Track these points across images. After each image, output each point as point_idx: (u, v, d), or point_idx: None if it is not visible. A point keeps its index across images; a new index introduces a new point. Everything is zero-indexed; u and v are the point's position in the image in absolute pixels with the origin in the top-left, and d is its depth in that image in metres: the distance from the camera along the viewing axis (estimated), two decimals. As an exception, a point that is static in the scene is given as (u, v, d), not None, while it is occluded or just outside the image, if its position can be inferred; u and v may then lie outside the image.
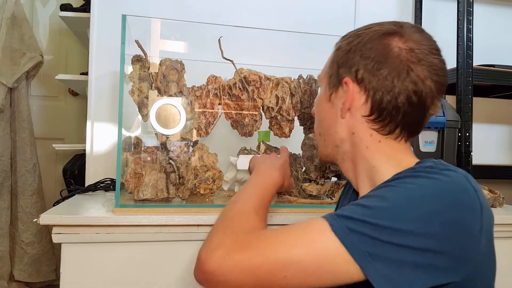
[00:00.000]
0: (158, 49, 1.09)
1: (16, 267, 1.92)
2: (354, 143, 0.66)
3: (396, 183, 0.54)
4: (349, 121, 0.65)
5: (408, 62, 0.60)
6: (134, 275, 0.83)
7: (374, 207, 0.51)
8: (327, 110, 0.68)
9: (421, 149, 1.32)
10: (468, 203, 0.51)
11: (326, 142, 0.71)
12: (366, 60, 0.62)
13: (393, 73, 0.60)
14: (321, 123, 0.71)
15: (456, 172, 0.55)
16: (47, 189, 2.14)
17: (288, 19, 1.53)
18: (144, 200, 0.91)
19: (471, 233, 0.50)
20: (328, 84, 0.68)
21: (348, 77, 0.64)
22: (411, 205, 0.50)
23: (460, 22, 1.41)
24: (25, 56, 1.89)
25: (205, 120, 1.03)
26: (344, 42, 0.66)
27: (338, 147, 0.68)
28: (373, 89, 0.61)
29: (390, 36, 0.62)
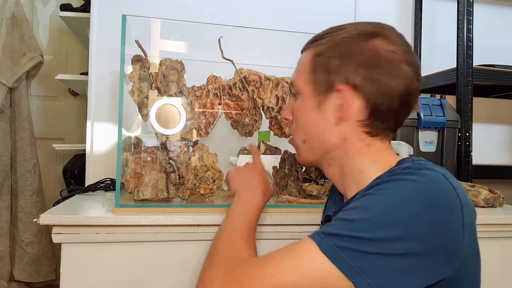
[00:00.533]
0: (158, 49, 1.09)
1: (16, 267, 1.92)
2: (345, 148, 0.66)
3: (375, 191, 0.55)
4: (343, 128, 0.64)
5: (398, 63, 0.61)
6: (134, 275, 0.83)
7: (356, 220, 0.51)
8: (315, 117, 0.66)
9: (421, 149, 1.32)
10: (447, 201, 0.52)
11: (314, 149, 0.69)
12: (359, 66, 0.61)
13: (386, 75, 0.60)
14: (308, 131, 0.69)
15: (433, 170, 0.55)
16: (47, 189, 2.14)
17: (288, 19, 1.53)
18: (144, 200, 0.91)
19: (453, 230, 0.51)
20: (313, 91, 0.66)
21: (342, 85, 0.62)
22: (391, 211, 0.51)
23: (460, 22, 1.41)
24: (25, 56, 1.89)
25: (205, 120, 1.03)
26: (324, 48, 0.65)
27: (326, 153, 0.68)
28: (372, 94, 0.61)
29: (374, 38, 0.62)
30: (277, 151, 1.13)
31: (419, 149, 1.32)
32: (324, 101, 0.65)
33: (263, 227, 0.88)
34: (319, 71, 0.65)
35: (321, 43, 0.66)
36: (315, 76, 0.66)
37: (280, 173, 1.06)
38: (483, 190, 1.09)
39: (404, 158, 0.64)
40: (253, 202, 0.77)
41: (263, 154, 1.13)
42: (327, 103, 0.65)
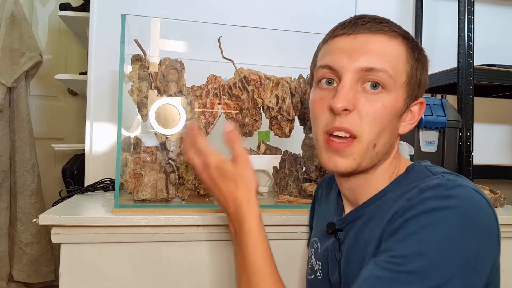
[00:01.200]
0: (158, 49, 1.08)
1: (15, 268, 1.92)
2: (390, 156, 0.67)
3: (419, 229, 0.51)
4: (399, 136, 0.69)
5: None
6: (134, 275, 0.83)
7: (417, 270, 0.49)
8: (395, 123, 0.63)
9: (421, 149, 1.32)
10: (488, 222, 0.53)
11: (377, 155, 0.63)
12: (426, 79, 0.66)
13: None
14: (384, 135, 0.62)
15: (466, 188, 0.54)
16: (46, 189, 2.13)
17: (288, 18, 1.53)
18: (143, 200, 0.91)
19: (495, 246, 0.53)
20: (408, 96, 0.63)
21: (422, 98, 0.66)
22: (447, 251, 0.49)
23: (461, 22, 1.41)
24: (24, 56, 1.89)
25: (205, 120, 1.02)
26: (418, 54, 0.64)
27: (381, 160, 0.65)
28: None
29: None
30: (277, 151, 1.13)
31: (420, 149, 1.31)
32: (408, 109, 0.64)
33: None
34: (415, 77, 0.62)
35: (414, 45, 0.63)
36: (412, 81, 0.62)
37: (280, 173, 1.05)
38: (484, 190, 1.08)
39: (412, 165, 0.65)
40: (252, 221, 0.63)
41: (263, 154, 1.13)
42: (407, 111, 0.64)
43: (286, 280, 0.71)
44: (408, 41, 0.62)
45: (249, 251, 0.61)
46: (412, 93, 0.62)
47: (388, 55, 0.60)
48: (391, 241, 0.53)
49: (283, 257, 0.89)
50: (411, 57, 0.62)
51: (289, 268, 0.89)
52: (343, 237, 0.67)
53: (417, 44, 0.64)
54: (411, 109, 0.65)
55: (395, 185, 0.62)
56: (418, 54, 0.63)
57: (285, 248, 0.89)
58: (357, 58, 0.59)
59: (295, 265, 0.90)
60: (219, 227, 0.86)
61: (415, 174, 0.62)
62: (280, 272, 0.73)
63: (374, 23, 0.61)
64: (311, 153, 1.04)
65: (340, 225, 0.68)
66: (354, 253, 0.63)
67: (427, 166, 0.62)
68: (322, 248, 0.72)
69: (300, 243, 0.90)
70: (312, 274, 0.75)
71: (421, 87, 0.64)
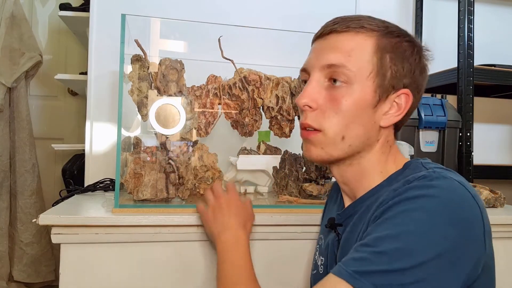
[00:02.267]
0: (158, 49, 1.08)
1: (15, 268, 1.92)
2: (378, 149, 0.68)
3: (397, 214, 0.53)
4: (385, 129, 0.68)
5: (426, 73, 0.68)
6: (134, 275, 0.83)
7: (389, 252, 0.50)
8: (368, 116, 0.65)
9: (422, 149, 1.32)
10: (469, 213, 0.52)
11: (350, 147, 0.66)
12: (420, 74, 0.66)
13: (424, 86, 0.67)
14: (353, 128, 0.64)
15: (450, 179, 0.54)
16: (46, 189, 2.13)
17: (288, 18, 1.53)
18: (143, 200, 0.91)
19: (478, 241, 0.52)
20: (377, 88, 0.64)
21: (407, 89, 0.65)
22: (420, 236, 0.50)
23: (461, 22, 1.41)
24: (24, 56, 1.89)
25: (205, 120, 1.02)
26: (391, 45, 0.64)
27: (360, 153, 0.67)
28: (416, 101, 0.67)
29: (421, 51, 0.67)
30: (277, 151, 1.13)
31: (420, 149, 1.31)
32: (382, 100, 0.63)
33: (263, 228, 0.87)
34: (385, 68, 0.62)
35: (384, 35, 0.63)
36: (380, 73, 0.62)
37: (280, 173, 1.05)
38: (484, 190, 1.08)
39: (410, 161, 0.65)
40: (241, 243, 0.73)
41: (263, 154, 1.13)
42: (384, 103, 0.63)
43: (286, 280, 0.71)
44: (379, 33, 0.63)
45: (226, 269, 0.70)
46: (385, 83, 0.62)
47: (350, 50, 0.62)
48: (372, 226, 0.55)
49: (283, 257, 0.89)
50: (380, 48, 0.62)
51: (289, 268, 0.89)
52: (341, 231, 0.68)
53: (395, 34, 0.63)
54: (396, 101, 0.63)
55: (390, 180, 0.63)
56: (394, 44, 0.63)
57: (285, 248, 0.90)
58: (322, 57, 0.63)
59: (295, 265, 0.90)
60: (219, 227, 0.86)
61: (410, 170, 0.62)
62: (280, 271, 0.74)
63: (343, 23, 0.64)
64: (311, 153, 1.04)
65: (339, 219, 0.69)
66: (348, 246, 0.64)
67: (423, 162, 0.62)
68: (325, 243, 0.74)
69: (300, 243, 0.90)
70: (315, 269, 0.77)
71: (399, 77, 0.62)
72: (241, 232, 0.75)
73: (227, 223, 0.75)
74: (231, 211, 0.77)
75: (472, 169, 1.37)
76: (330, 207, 0.82)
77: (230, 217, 0.76)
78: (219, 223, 0.76)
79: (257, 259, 0.86)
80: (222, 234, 0.74)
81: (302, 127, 0.65)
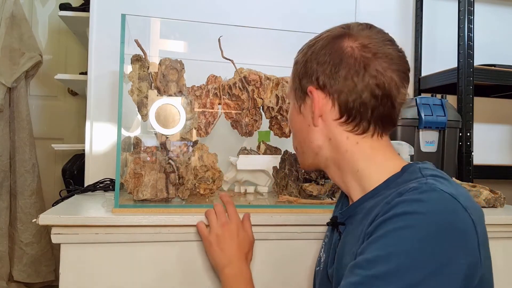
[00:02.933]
0: (158, 49, 1.08)
1: (15, 268, 1.92)
2: (333, 148, 0.67)
3: (387, 232, 0.53)
4: (323, 128, 0.67)
5: (363, 58, 0.62)
6: (134, 275, 0.83)
7: (380, 275, 0.51)
8: (300, 122, 0.70)
9: (421, 149, 1.32)
10: (461, 228, 0.52)
11: (305, 153, 0.72)
12: (323, 65, 0.64)
13: (351, 72, 0.62)
14: (297, 136, 0.73)
15: (441, 192, 0.54)
16: (46, 189, 2.13)
17: (289, 18, 1.53)
18: (143, 200, 0.91)
19: (470, 254, 0.52)
20: (295, 97, 0.71)
21: (311, 86, 0.66)
22: (411, 256, 0.50)
23: (461, 22, 1.41)
24: (24, 56, 1.89)
25: (205, 120, 1.02)
26: (300, 55, 0.69)
27: (317, 155, 0.69)
28: (336, 92, 0.64)
29: (340, 39, 0.65)
30: (277, 151, 1.13)
31: (420, 149, 1.31)
32: (303, 105, 0.69)
33: (263, 228, 0.87)
34: (296, 78, 0.69)
35: (299, 52, 0.70)
36: (294, 84, 0.70)
37: (280, 173, 1.05)
38: (484, 190, 1.08)
39: (409, 165, 0.64)
40: (244, 277, 0.76)
41: (263, 154, 1.13)
42: (305, 107, 0.69)
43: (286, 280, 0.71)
44: (297, 56, 0.71)
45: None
46: (297, 91, 0.69)
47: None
48: (365, 243, 0.56)
49: (283, 257, 0.89)
50: (293, 64, 0.71)
51: (289, 268, 0.89)
52: (343, 230, 0.69)
53: (303, 47, 0.70)
54: (309, 100, 0.68)
55: (388, 183, 0.63)
56: (300, 55, 0.69)
57: (285, 248, 0.89)
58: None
59: (295, 265, 0.90)
60: (219, 227, 0.86)
61: (408, 174, 0.62)
62: (280, 271, 0.74)
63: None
64: (311, 153, 1.04)
65: (341, 218, 0.70)
66: (346, 247, 0.65)
67: (421, 167, 0.62)
68: (329, 241, 0.75)
69: (300, 243, 0.90)
70: (318, 266, 0.78)
71: (304, 78, 0.67)
72: (244, 265, 0.78)
73: (231, 256, 0.78)
74: (234, 243, 0.79)
75: (472, 169, 1.37)
76: (338, 205, 0.82)
77: (233, 249, 0.79)
78: (223, 256, 0.78)
79: (257, 259, 0.86)
80: (226, 267, 0.77)
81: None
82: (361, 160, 0.65)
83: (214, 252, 0.79)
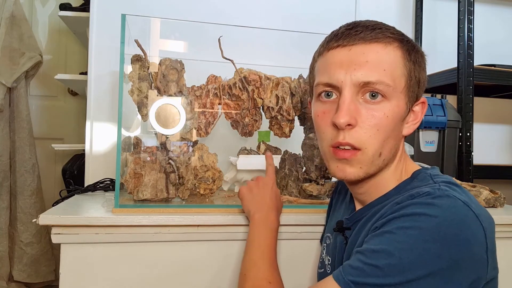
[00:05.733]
0: (158, 49, 1.08)
1: (15, 268, 1.92)
2: (395, 160, 0.67)
3: (395, 229, 0.53)
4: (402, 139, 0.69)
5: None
6: (134, 275, 0.83)
7: (382, 266, 0.52)
8: (399, 128, 0.64)
9: (421, 149, 1.32)
10: (470, 234, 0.52)
11: (384, 161, 0.65)
12: (424, 74, 0.66)
13: (424, 74, 0.67)
14: (390, 142, 0.63)
15: (454, 198, 0.54)
16: (46, 189, 2.13)
17: (289, 18, 1.53)
18: (143, 200, 0.91)
19: (477, 261, 0.52)
20: (409, 100, 0.63)
21: (423, 97, 0.66)
22: (415, 254, 0.51)
23: (460, 22, 1.41)
24: (24, 56, 1.89)
25: (205, 120, 1.02)
26: (414, 55, 0.63)
27: (386, 166, 0.66)
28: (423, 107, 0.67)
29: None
30: (277, 151, 1.13)
31: (420, 149, 1.31)
32: (410, 111, 0.65)
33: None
34: (413, 80, 0.63)
35: (408, 46, 0.63)
36: (410, 84, 0.62)
37: (280, 173, 1.05)
38: (484, 190, 1.08)
39: (419, 171, 0.64)
40: (269, 224, 0.78)
41: (263, 154, 1.13)
42: (410, 114, 0.65)
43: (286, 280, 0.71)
44: (404, 44, 0.62)
45: (253, 247, 0.75)
46: (413, 95, 0.63)
47: (384, 64, 0.60)
48: (371, 235, 0.57)
49: (283, 257, 0.89)
50: (408, 59, 0.62)
51: (289, 268, 0.89)
52: (349, 235, 0.69)
53: (412, 44, 0.64)
54: (413, 109, 0.65)
55: (398, 189, 0.63)
56: (414, 55, 0.63)
57: (285, 248, 0.89)
58: (354, 72, 0.60)
59: (295, 265, 0.90)
60: (219, 227, 0.86)
61: (418, 181, 0.62)
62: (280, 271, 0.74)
63: (368, 32, 0.61)
64: (311, 153, 1.04)
65: (348, 223, 0.70)
66: (352, 250, 0.64)
67: (432, 174, 0.62)
68: (333, 244, 0.75)
69: (300, 243, 0.90)
70: (322, 268, 0.78)
71: (420, 87, 0.64)
72: (272, 214, 0.80)
73: (262, 204, 0.81)
74: (267, 193, 0.83)
75: (472, 169, 1.37)
76: (337, 206, 0.82)
77: (265, 198, 0.82)
78: (255, 202, 0.82)
79: (257, 259, 0.86)
80: (256, 213, 0.80)
81: (337, 145, 0.61)
82: (403, 170, 0.67)
83: (247, 199, 0.83)
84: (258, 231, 0.77)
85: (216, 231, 0.86)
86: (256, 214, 0.79)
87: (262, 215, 0.79)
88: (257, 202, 0.82)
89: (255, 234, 0.77)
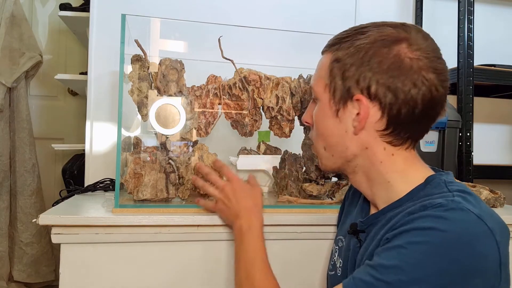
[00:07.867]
0: (158, 49, 1.08)
1: (15, 268, 1.92)
2: (368, 157, 0.65)
3: (406, 244, 0.53)
4: (363, 137, 0.64)
5: (421, 71, 0.59)
6: (134, 275, 0.83)
7: (393, 282, 0.52)
8: (334, 125, 0.66)
9: (422, 149, 1.32)
10: (482, 249, 0.51)
11: (334, 157, 0.69)
12: (378, 74, 0.60)
13: (408, 84, 0.59)
14: (327, 138, 0.69)
15: (467, 212, 0.53)
16: (46, 189, 2.13)
17: (289, 18, 1.53)
18: (143, 200, 0.91)
19: (490, 273, 0.52)
20: (332, 98, 0.65)
21: (359, 94, 0.61)
22: (426, 270, 0.51)
23: (460, 22, 1.41)
24: (24, 56, 1.89)
25: (205, 120, 1.02)
26: (344, 54, 0.63)
27: (349, 162, 0.68)
28: (390, 104, 0.60)
29: (397, 45, 0.60)
30: (277, 151, 1.13)
31: (420, 149, 1.31)
32: (342, 109, 0.65)
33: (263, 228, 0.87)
34: (337, 78, 0.64)
35: (340, 47, 0.64)
36: (333, 83, 0.65)
37: (280, 173, 1.05)
38: (484, 190, 1.08)
39: (432, 177, 0.63)
40: (249, 230, 0.76)
41: (263, 154, 1.13)
42: (344, 111, 0.64)
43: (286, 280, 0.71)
44: (338, 45, 0.65)
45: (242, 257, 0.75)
46: (337, 93, 0.65)
47: (317, 70, 0.69)
48: (382, 247, 0.57)
49: (283, 257, 0.89)
50: (332, 60, 0.65)
51: (289, 268, 0.89)
52: (363, 238, 0.68)
53: (347, 44, 0.63)
54: (355, 108, 0.63)
55: (412, 195, 0.62)
56: (347, 53, 0.62)
57: (285, 248, 0.89)
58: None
59: (295, 265, 0.90)
60: (219, 227, 0.86)
61: (432, 188, 0.61)
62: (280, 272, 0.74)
63: (326, 43, 0.69)
64: (311, 153, 1.04)
65: (362, 226, 0.69)
66: (366, 255, 0.64)
67: (447, 181, 0.61)
68: (346, 247, 0.74)
69: (300, 243, 0.90)
70: (333, 270, 0.78)
71: (351, 85, 0.62)
72: (253, 217, 0.78)
73: (238, 212, 0.79)
74: (238, 198, 0.80)
75: (472, 169, 1.37)
76: (350, 209, 0.81)
77: (239, 204, 0.79)
78: (231, 212, 0.80)
79: (257, 259, 0.86)
80: (236, 222, 0.78)
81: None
82: (394, 172, 0.65)
83: (224, 212, 0.82)
84: (244, 240, 0.76)
85: (216, 231, 0.86)
86: (236, 222, 0.78)
87: (242, 222, 0.77)
88: (233, 212, 0.80)
89: (240, 244, 0.76)
